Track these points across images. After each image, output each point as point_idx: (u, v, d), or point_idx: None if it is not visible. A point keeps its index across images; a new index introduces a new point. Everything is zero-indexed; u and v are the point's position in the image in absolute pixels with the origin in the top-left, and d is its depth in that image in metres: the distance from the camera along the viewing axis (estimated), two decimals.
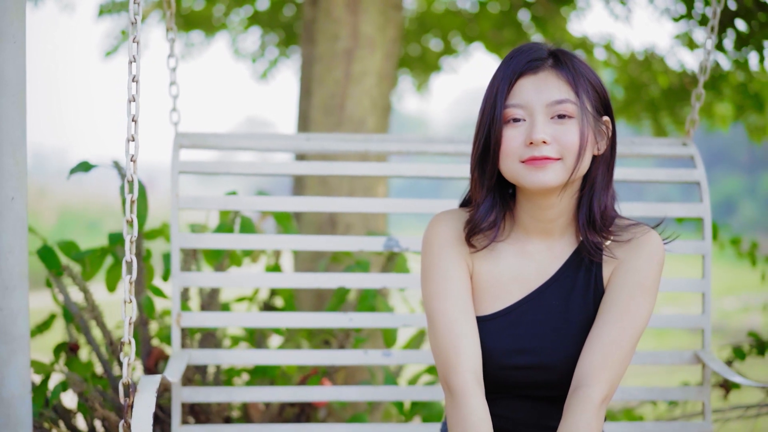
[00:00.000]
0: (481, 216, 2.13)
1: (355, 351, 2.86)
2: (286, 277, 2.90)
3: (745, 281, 9.52)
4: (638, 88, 6.13)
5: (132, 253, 2.15)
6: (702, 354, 2.90)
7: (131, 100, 2.16)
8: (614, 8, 5.51)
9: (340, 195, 4.07)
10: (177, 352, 2.75)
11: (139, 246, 3.01)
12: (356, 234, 4.06)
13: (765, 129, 5.66)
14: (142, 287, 3.02)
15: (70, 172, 2.87)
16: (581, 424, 1.98)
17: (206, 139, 2.89)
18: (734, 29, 4.59)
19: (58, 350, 3.07)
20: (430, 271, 2.16)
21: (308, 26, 4.34)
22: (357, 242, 2.88)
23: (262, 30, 6.76)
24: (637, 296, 2.10)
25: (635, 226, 2.16)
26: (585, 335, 2.13)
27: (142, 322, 3.03)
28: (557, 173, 2.05)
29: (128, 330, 2.13)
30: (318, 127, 4.13)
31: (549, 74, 2.09)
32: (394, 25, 4.28)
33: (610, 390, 2.04)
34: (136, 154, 2.17)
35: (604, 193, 2.14)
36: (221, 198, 2.83)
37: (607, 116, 2.16)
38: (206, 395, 2.79)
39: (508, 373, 2.14)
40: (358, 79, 4.14)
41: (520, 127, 2.07)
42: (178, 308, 2.76)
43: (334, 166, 2.88)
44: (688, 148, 3.03)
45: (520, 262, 2.18)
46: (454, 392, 2.06)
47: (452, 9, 6.49)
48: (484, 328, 2.15)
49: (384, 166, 2.94)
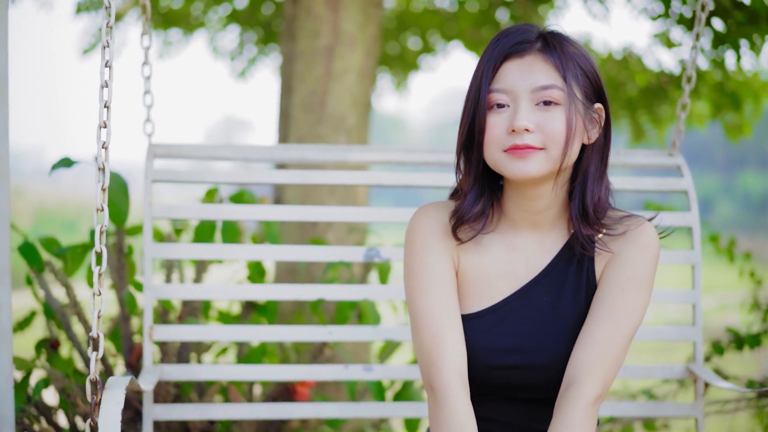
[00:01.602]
0: (467, 206, 2.03)
1: (335, 366, 2.78)
2: (263, 289, 2.82)
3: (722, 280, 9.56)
4: (616, 87, 6.14)
5: (102, 244, 2.07)
6: (695, 368, 2.80)
7: (104, 85, 2.10)
8: (592, 7, 5.52)
9: (321, 195, 4.07)
10: (149, 367, 2.67)
11: (120, 242, 3.00)
12: (337, 231, 4.06)
13: (742, 127, 5.70)
14: (124, 283, 3.01)
15: (51, 167, 2.86)
16: (573, 423, 1.87)
17: (181, 149, 2.84)
18: (711, 28, 4.62)
19: (39, 346, 3.05)
20: (413, 266, 2.05)
21: (289, 23, 4.33)
22: (336, 253, 2.81)
23: (240, 28, 6.74)
24: (631, 290, 2.00)
25: (629, 218, 2.05)
26: (577, 333, 2.02)
27: (124, 317, 3.02)
28: (540, 163, 1.93)
29: (97, 324, 2.05)
30: (299, 124, 4.13)
31: (536, 58, 1.96)
32: (375, 23, 4.28)
33: (604, 388, 1.94)
34: (108, 140, 2.10)
35: (598, 184, 2.03)
36: (196, 207, 2.77)
37: (599, 103, 2.03)
38: (180, 413, 2.72)
39: (495, 373, 2.04)
40: (339, 77, 4.14)
41: (503, 114, 1.96)
42: (150, 321, 2.69)
43: (311, 174, 2.81)
44: (675, 158, 2.96)
45: (508, 257, 2.07)
46: (436, 392, 1.94)
47: (431, 8, 6.50)
48: (470, 326, 2.04)
49: (362, 174, 2.86)
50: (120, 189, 2.78)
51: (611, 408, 2.87)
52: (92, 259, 2.08)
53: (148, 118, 2.91)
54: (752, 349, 3.81)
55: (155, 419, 2.70)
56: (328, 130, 4.14)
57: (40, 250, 2.99)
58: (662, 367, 2.86)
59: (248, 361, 3.06)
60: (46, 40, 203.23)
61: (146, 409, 2.66)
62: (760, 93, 5.40)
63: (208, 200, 3.13)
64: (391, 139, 44.41)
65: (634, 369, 2.84)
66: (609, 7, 5.51)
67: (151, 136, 2.90)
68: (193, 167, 2.88)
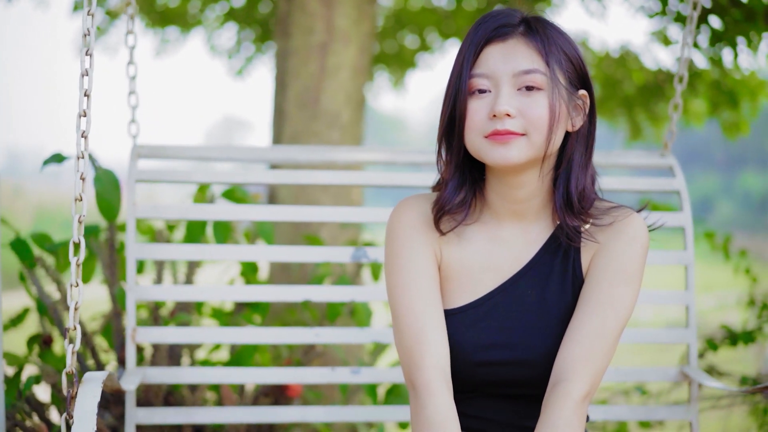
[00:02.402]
0: (448, 194, 1.96)
1: (322, 369, 2.73)
2: (249, 290, 2.79)
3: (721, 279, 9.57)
4: (613, 85, 6.14)
5: (80, 234, 2.03)
6: (689, 371, 2.74)
7: (84, 74, 2.07)
8: (589, 5, 5.52)
9: (315, 193, 4.06)
10: (131, 370, 2.62)
11: (112, 237, 3.00)
12: (331, 228, 4.06)
13: (739, 125, 5.68)
14: (115, 279, 3.00)
15: (43, 163, 2.85)
16: (561, 422, 1.80)
17: (165, 150, 2.82)
18: (708, 26, 4.62)
19: (31, 342, 3.05)
20: (394, 260, 1.98)
21: (283, 20, 4.33)
22: (324, 253, 2.77)
23: (238, 26, 6.74)
24: (620, 284, 1.93)
25: (616, 209, 1.98)
26: (564, 328, 1.95)
27: (116, 313, 3.01)
28: (521, 150, 1.87)
29: (74, 316, 2.00)
30: (293, 120, 4.13)
31: (518, 42, 1.89)
32: (369, 19, 4.28)
33: (593, 385, 1.87)
34: (88, 129, 2.07)
35: (583, 172, 1.96)
36: (180, 207, 2.74)
37: (584, 90, 1.96)
38: (163, 416, 2.67)
39: (481, 370, 1.96)
40: (333, 73, 4.13)
41: (485, 99, 1.89)
42: (133, 323, 2.64)
43: (300, 174, 2.78)
44: (667, 158, 2.94)
45: (492, 249, 2.00)
46: (417, 390, 1.87)
47: (428, 6, 6.50)
48: (453, 322, 1.97)
49: (349, 174, 2.82)
50: (111, 185, 2.77)
51: (605, 411, 2.83)
52: (70, 249, 2.04)
53: (133, 118, 2.89)
54: (746, 346, 3.81)
55: (138, 423, 2.66)
56: (322, 127, 4.14)
57: (32, 247, 2.98)
58: (656, 370, 2.81)
59: (240, 357, 3.04)
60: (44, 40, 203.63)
61: (128, 412, 2.62)
62: (757, 91, 5.39)
63: (200, 196, 3.12)
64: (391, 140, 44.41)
65: (627, 372, 2.81)
66: (606, 5, 5.51)
67: (136, 137, 2.88)
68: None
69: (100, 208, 2.78)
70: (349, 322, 3.30)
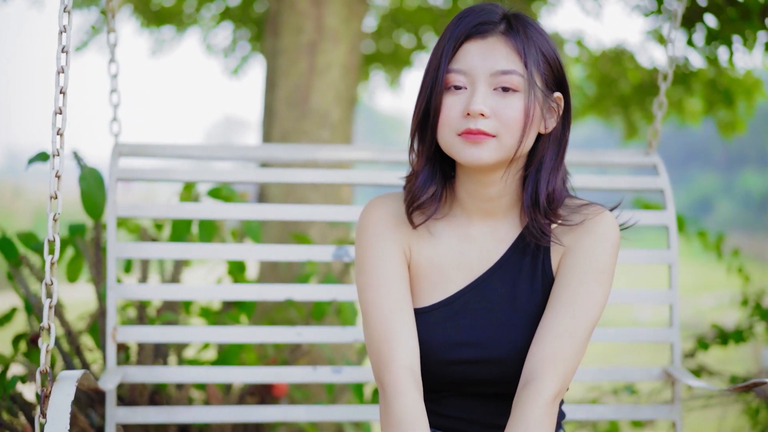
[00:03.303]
0: (419, 187, 1.96)
1: (304, 368, 2.72)
2: (231, 289, 2.78)
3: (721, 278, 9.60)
4: (609, 84, 6.14)
5: (55, 231, 2.03)
6: (672, 371, 2.75)
7: (60, 71, 2.07)
8: (585, 4, 5.52)
9: (304, 192, 4.05)
10: (111, 369, 2.62)
11: (98, 236, 2.98)
12: (321, 226, 4.06)
13: (735, 125, 5.68)
14: (101, 277, 2.99)
15: (28, 162, 2.84)
16: (531, 422, 1.79)
17: (146, 149, 2.81)
18: (704, 25, 4.61)
19: (17, 341, 3.04)
20: (363, 259, 1.98)
21: (273, 19, 4.33)
22: (306, 251, 2.76)
23: (233, 25, 6.74)
24: (590, 282, 1.92)
25: (587, 207, 1.98)
26: (534, 326, 1.95)
27: (102, 312, 3.00)
28: (492, 151, 1.87)
29: (47, 314, 2.00)
30: (282, 119, 4.13)
31: (498, 40, 1.88)
32: (359, 18, 4.28)
33: (563, 384, 1.86)
34: (63, 127, 2.06)
35: (554, 173, 1.94)
36: (161, 206, 2.73)
37: (559, 92, 1.95)
38: (144, 416, 2.66)
39: (452, 368, 1.97)
40: (323, 72, 4.13)
41: (460, 96, 1.88)
42: (114, 322, 2.64)
43: (285, 173, 2.78)
44: (651, 157, 2.93)
45: (461, 247, 2.00)
46: (386, 389, 1.87)
47: (424, 5, 6.49)
48: (423, 321, 1.97)
49: (337, 173, 2.82)
50: (96, 183, 2.76)
51: (589, 410, 2.83)
52: (45, 247, 2.03)
53: (114, 117, 2.88)
54: (737, 345, 3.80)
55: (118, 422, 2.65)
56: (312, 126, 4.14)
57: (18, 246, 2.97)
58: (639, 370, 2.81)
59: (226, 357, 3.04)
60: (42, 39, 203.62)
61: (108, 411, 2.61)
62: (753, 90, 5.39)
63: (185, 195, 3.11)
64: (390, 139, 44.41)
65: (611, 371, 2.81)
66: (602, 4, 5.50)
67: (118, 136, 2.87)
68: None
69: (85, 207, 2.77)
70: (336, 321, 3.30)
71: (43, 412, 1.94)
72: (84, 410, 2.88)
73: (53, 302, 2.02)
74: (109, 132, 2.87)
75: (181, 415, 2.69)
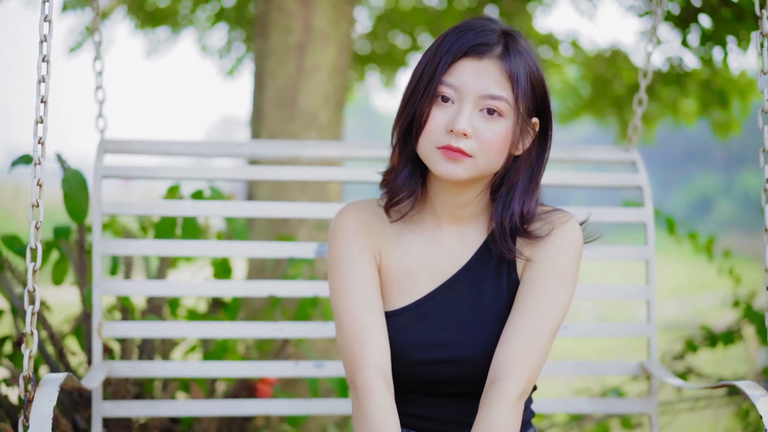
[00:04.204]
0: (399, 185, 2.02)
1: (286, 362, 2.75)
2: (216, 285, 2.80)
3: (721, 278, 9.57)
4: (603, 85, 6.14)
5: (37, 239, 2.05)
6: (648, 365, 2.80)
7: (40, 80, 2.09)
8: (579, 4, 5.51)
9: (292, 192, 4.05)
10: (97, 364, 2.63)
11: (81, 239, 2.98)
12: (308, 228, 4.06)
13: (729, 125, 5.68)
14: (85, 281, 2.98)
15: (12, 164, 2.84)
16: (497, 420, 1.87)
17: (132, 145, 2.82)
18: (698, 25, 4.61)
19: (1, 343, 3.03)
20: (335, 264, 2.06)
21: (261, 20, 4.33)
22: (289, 248, 2.79)
23: (228, 26, 6.73)
24: (554, 285, 2.00)
25: (552, 214, 2.06)
26: (500, 327, 2.02)
27: (86, 315, 2.99)
28: (467, 170, 1.93)
29: (30, 320, 2.03)
30: (270, 120, 4.13)
31: (493, 65, 1.93)
32: (348, 19, 4.28)
33: (528, 384, 1.93)
34: (44, 136, 2.08)
35: (528, 196, 2.02)
36: (147, 203, 2.75)
37: (537, 118, 2.02)
38: (129, 409, 2.69)
39: (421, 368, 2.04)
40: (311, 73, 4.13)
41: (446, 109, 1.93)
42: (99, 317, 2.66)
43: (271, 170, 2.80)
44: (630, 153, 2.96)
45: (429, 252, 2.07)
46: (358, 389, 1.94)
47: (419, 5, 6.49)
48: (394, 323, 2.05)
49: (318, 170, 2.82)
50: (79, 185, 2.75)
51: (565, 404, 2.88)
52: (27, 255, 2.06)
53: (100, 113, 2.89)
54: (726, 347, 3.80)
55: (104, 416, 2.68)
56: (300, 127, 4.13)
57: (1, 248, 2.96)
58: (616, 364, 2.87)
59: (211, 358, 3.04)
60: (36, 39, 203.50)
61: (95, 405, 2.64)
62: (747, 91, 5.39)
63: (169, 197, 3.10)
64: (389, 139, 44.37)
65: (588, 365, 2.85)
66: (596, 4, 5.50)
67: (104, 131, 2.88)
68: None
69: (67, 210, 2.76)
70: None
71: (26, 416, 1.97)
72: (68, 414, 2.88)
73: (36, 308, 2.05)
74: (95, 128, 2.87)
75: (166, 408, 2.72)
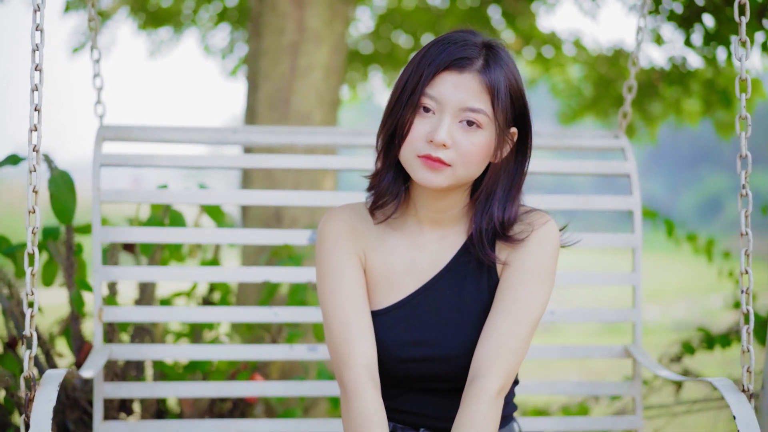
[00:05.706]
0: (383, 189, 2.10)
1: (281, 346, 2.82)
2: (211, 271, 2.88)
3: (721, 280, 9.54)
4: (606, 84, 6.14)
5: (34, 245, 2.10)
6: (632, 349, 2.87)
7: (34, 89, 2.13)
8: (583, 4, 5.49)
9: (286, 188, 4.06)
10: (98, 347, 2.70)
11: (69, 240, 2.97)
12: (303, 221, 4.07)
13: (733, 125, 5.65)
14: (73, 282, 2.98)
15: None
16: (477, 416, 1.95)
17: (131, 132, 2.84)
18: (702, 25, 4.59)
19: None
20: (323, 267, 2.14)
21: (255, 20, 4.33)
22: (282, 235, 2.84)
23: (231, 26, 6.74)
24: (531, 283, 2.07)
25: (530, 214, 2.13)
26: (481, 325, 2.10)
27: (74, 317, 2.99)
28: (445, 178, 2.01)
29: (29, 323, 2.09)
30: (263, 121, 4.14)
31: (473, 78, 2.00)
32: (342, 19, 4.28)
33: (506, 380, 2.01)
34: (39, 144, 2.13)
35: (510, 204, 2.10)
36: (145, 191, 2.79)
37: (515, 128, 2.08)
38: (129, 391, 2.76)
39: (406, 366, 2.12)
40: (304, 73, 4.14)
41: (427, 120, 2.00)
42: (99, 303, 2.72)
43: (256, 158, 2.85)
44: (619, 140, 2.99)
45: (412, 253, 2.15)
46: (346, 387, 2.02)
47: (422, 5, 6.48)
48: (379, 322, 2.13)
49: (309, 158, 2.87)
50: (66, 186, 2.75)
51: (551, 386, 2.93)
52: (25, 260, 2.11)
53: (98, 99, 2.92)
54: (723, 349, 3.78)
55: (105, 397, 2.75)
56: None
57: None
58: (601, 348, 2.94)
59: None
60: None
61: (97, 387, 2.71)
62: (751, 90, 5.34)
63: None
64: None
65: (573, 349, 2.92)
66: (599, 4, 5.47)
67: (102, 118, 2.90)
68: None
69: (54, 211, 2.77)
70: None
71: (27, 415, 2.04)
72: (56, 416, 2.88)
73: (34, 312, 2.11)
74: (93, 114, 2.90)
75: (163, 390, 2.80)
